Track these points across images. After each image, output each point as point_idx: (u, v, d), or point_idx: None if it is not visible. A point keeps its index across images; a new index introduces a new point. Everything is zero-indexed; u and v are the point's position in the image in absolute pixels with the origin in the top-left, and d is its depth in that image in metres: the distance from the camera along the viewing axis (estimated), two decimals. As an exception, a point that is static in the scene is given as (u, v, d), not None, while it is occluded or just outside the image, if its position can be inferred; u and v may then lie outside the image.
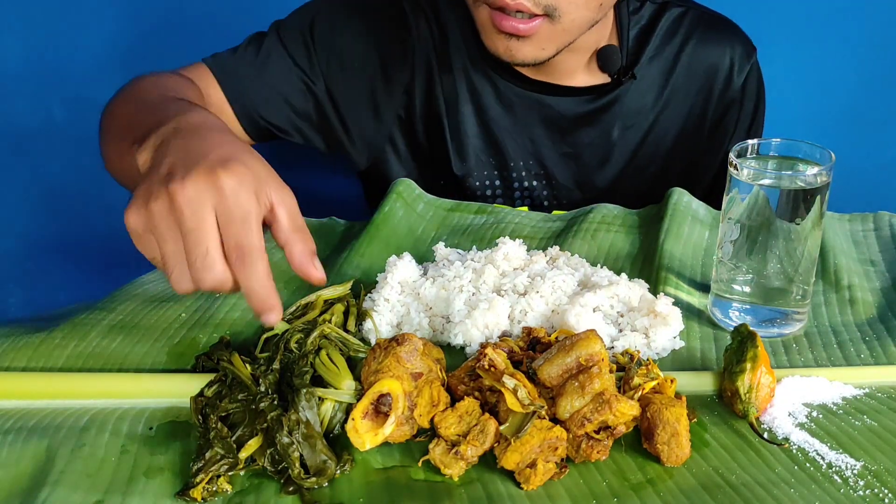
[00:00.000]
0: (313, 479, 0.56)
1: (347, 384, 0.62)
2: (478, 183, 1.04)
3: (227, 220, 0.53)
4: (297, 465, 0.57)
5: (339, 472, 0.57)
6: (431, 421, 0.59)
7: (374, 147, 1.02)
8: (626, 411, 0.58)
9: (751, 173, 0.69)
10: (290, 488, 0.56)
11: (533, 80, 0.99)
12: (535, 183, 1.04)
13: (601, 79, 1.01)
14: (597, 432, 0.58)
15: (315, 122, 1.00)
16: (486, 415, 0.59)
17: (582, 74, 1.00)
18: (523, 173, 1.04)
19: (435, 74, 0.99)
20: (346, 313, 0.73)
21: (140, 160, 0.59)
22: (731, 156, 0.70)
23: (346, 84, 0.98)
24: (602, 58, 0.98)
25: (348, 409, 0.61)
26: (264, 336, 0.67)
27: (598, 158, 1.05)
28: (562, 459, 0.57)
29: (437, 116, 1.01)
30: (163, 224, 0.53)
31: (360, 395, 0.60)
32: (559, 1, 0.84)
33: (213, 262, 0.53)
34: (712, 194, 0.77)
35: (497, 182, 1.04)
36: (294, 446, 0.57)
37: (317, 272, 0.57)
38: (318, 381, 0.63)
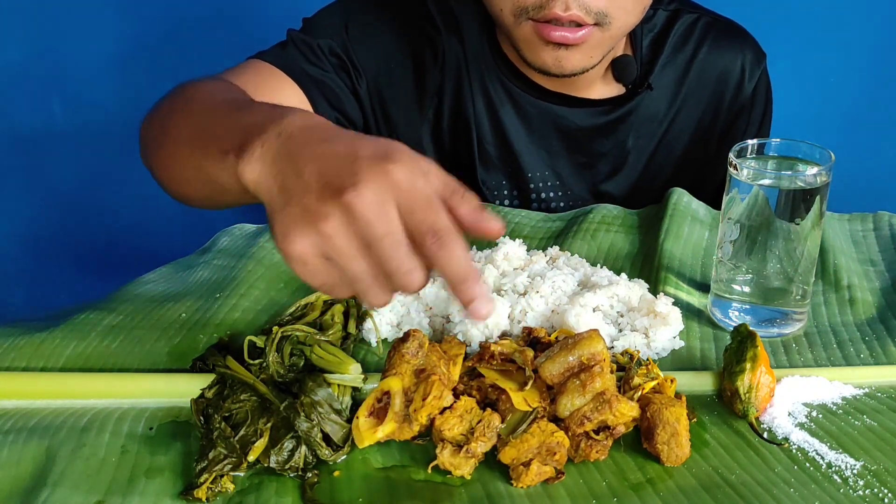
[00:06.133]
0: (345, 448, 0.58)
1: (354, 367, 0.63)
2: (496, 192, 1.04)
3: (413, 210, 0.49)
4: (324, 444, 0.58)
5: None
6: (432, 422, 0.60)
7: None
8: (625, 412, 0.58)
9: (750, 173, 0.69)
10: (313, 479, 0.57)
11: (549, 92, 0.98)
12: (551, 194, 1.04)
13: (616, 89, 1.01)
14: (596, 432, 0.58)
15: (362, 121, 0.98)
16: (489, 410, 0.59)
17: (598, 85, 1.00)
18: (540, 184, 1.03)
19: (464, 79, 0.99)
20: (346, 314, 0.73)
21: (249, 175, 0.53)
22: (731, 156, 0.70)
23: (388, 84, 0.97)
24: (617, 68, 0.98)
25: (355, 395, 0.62)
26: (248, 338, 0.67)
27: (613, 167, 1.04)
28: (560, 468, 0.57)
29: (466, 122, 1.00)
30: (344, 242, 0.48)
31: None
32: (610, 7, 0.83)
33: (415, 262, 0.49)
34: (719, 200, 0.77)
35: (515, 192, 1.04)
36: (316, 428, 0.58)
37: (495, 223, 0.52)
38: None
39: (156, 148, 0.73)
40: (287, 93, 0.89)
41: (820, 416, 0.63)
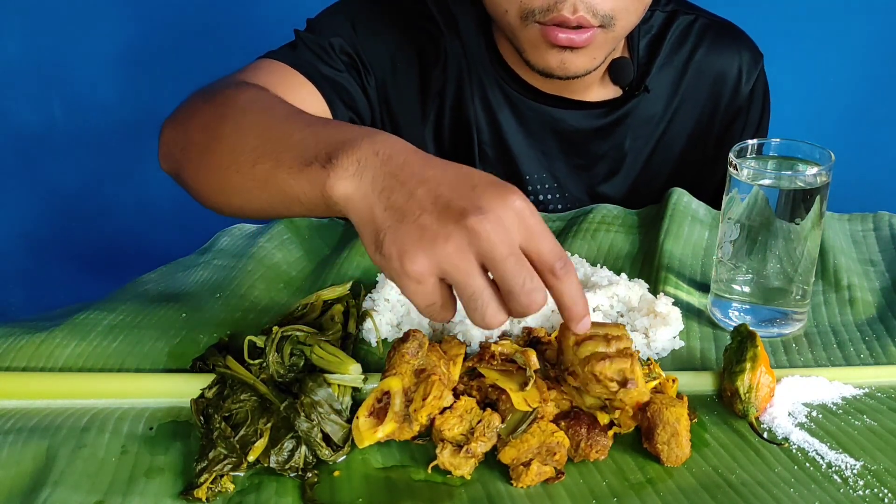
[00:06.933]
0: (345, 448, 0.58)
1: (354, 368, 0.63)
2: None
3: (539, 238, 0.51)
4: (324, 444, 0.58)
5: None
6: (432, 422, 0.60)
7: None
8: (640, 387, 0.57)
9: (750, 173, 0.69)
10: (311, 477, 0.57)
11: (546, 94, 0.98)
12: (548, 196, 1.04)
13: (613, 91, 1.00)
14: (595, 430, 0.58)
15: (370, 120, 0.98)
16: (489, 410, 0.59)
17: (595, 87, 1.00)
18: (537, 186, 1.03)
19: (465, 81, 0.99)
20: (345, 314, 0.73)
21: (342, 190, 0.53)
22: (731, 156, 0.70)
23: (393, 83, 0.97)
24: (614, 71, 0.98)
25: (355, 395, 0.63)
26: (248, 338, 0.67)
27: (610, 169, 1.04)
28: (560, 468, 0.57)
29: (467, 123, 1.00)
30: (465, 261, 0.50)
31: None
32: (615, 9, 0.83)
33: (539, 282, 0.51)
34: (717, 201, 0.77)
35: None
36: (316, 428, 0.58)
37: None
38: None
39: (197, 156, 0.70)
40: (304, 93, 0.88)
41: (820, 416, 0.63)
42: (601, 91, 1.00)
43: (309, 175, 0.55)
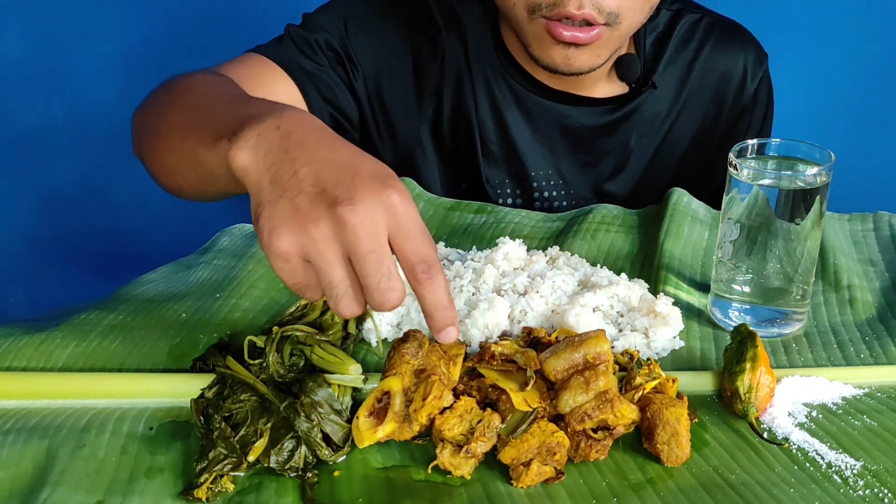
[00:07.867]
0: (345, 448, 0.58)
1: (354, 368, 0.63)
2: (499, 191, 1.04)
3: (406, 238, 0.51)
4: (324, 444, 0.58)
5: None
6: (432, 422, 0.60)
7: (401, 146, 1.01)
8: (626, 413, 0.58)
9: (750, 173, 0.69)
10: (310, 476, 0.57)
11: (554, 91, 0.99)
12: (553, 193, 1.04)
13: (620, 87, 1.01)
14: (595, 431, 0.58)
15: (358, 117, 0.99)
16: (489, 410, 0.59)
17: (601, 84, 1.00)
18: (542, 183, 1.04)
19: (465, 77, 0.99)
20: (346, 313, 0.73)
21: (239, 161, 0.54)
22: (731, 156, 0.70)
23: (388, 81, 0.97)
24: (621, 67, 0.98)
25: (355, 395, 0.63)
26: (248, 338, 0.67)
27: (615, 167, 1.05)
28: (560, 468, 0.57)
29: (468, 121, 1.00)
30: (329, 249, 0.50)
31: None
32: (621, 7, 0.84)
33: (396, 281, 0.51)
34: (718, 201, 0.77)
35: (518, 191, 1.04)
36: (316, 429, 0.58)
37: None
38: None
39: (148, 137, 0.74)
40: (279, 85, 0.90)
41: (820, 416, 0.63)
42: (608, 87, 1.00)
43: (218, 148, 0.56)
